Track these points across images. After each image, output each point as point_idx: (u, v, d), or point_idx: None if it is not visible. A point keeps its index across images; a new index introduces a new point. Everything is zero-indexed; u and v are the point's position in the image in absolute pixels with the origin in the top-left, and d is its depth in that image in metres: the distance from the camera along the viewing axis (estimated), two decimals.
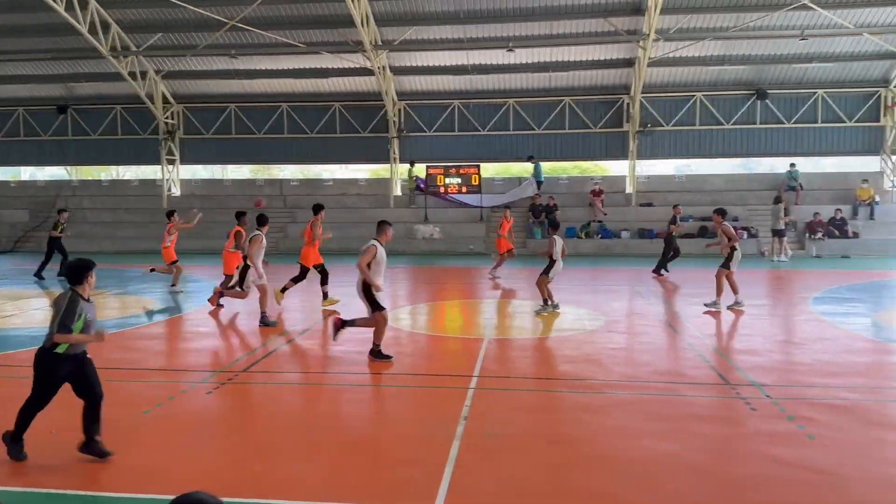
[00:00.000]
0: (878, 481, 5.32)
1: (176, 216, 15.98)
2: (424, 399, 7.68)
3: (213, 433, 6.50)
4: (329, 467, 5.64)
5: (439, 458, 5.65)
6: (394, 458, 5.85)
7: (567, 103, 25.67)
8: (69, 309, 5.37)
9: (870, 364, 9.11)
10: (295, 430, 6.52)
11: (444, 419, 6.67)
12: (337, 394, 7.95)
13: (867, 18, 21.53)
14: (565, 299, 14.47)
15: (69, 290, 5.53)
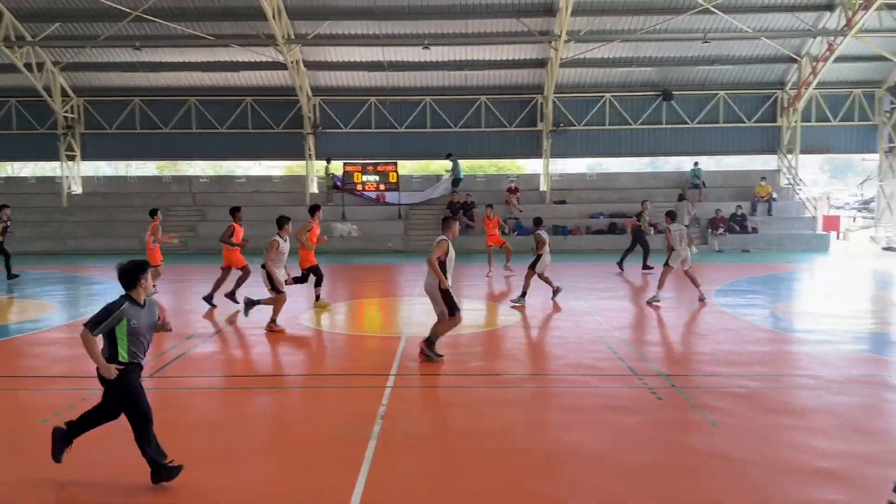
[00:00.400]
0: (776, 465, 5.60)
1: (159, 214, 14.97)
2: (341, 399, 7.57)
3: (115, 442, 6.19)
4: (238, 473, 5.48)
5: (355, 460, 5.58)
6: (307, 462, 5.74)
7: (483, 102, 25.93)
8: (105, 309, 5.05)
9: (768, 353, 9.60)
10: (204, 435, 6.30)
11: (360, 419, 6.60)
12: (250, 397, 7.74)
13: (765, 23, 22.71)
14: (482, 296, 14.62)
15: (122, 296, 5.19)
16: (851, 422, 6.70)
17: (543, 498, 5.05)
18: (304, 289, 13.97)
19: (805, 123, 25.55)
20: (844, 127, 25.82)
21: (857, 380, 8.08)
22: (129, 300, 5.14)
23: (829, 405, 7.15)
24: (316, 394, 7.91)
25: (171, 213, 25.93)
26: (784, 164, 26.19)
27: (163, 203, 26.21)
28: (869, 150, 26.71)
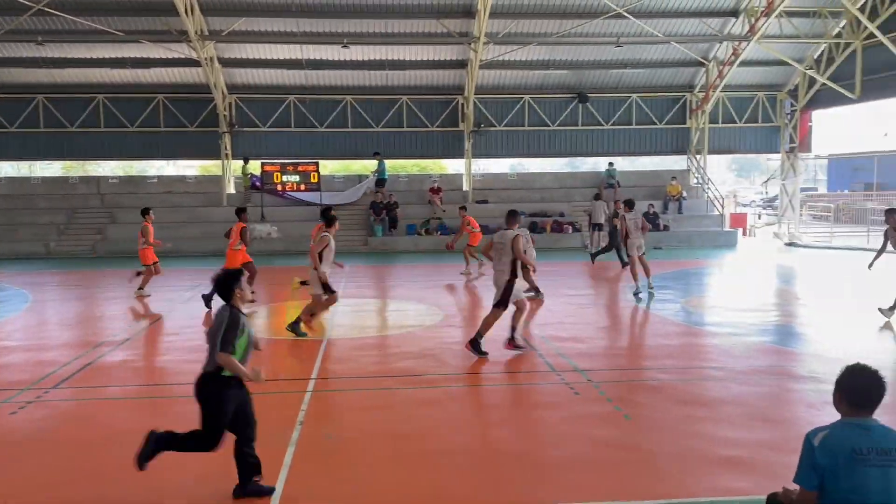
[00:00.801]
0: (687, 455, 5.82)
1: (152, 214, 14.56)
2: (259, 406, 7.35)
3: (16, 457, 5.85)
4: (149, 487, 5.26)
5: (272, 467, 5.46)
6: (222, 471, 5.56)
7: (405, 102, 25.89)
8: (231, 324, 4.71)
9: (679, 346, 9.97)
10: (113, 448, 6.02)
11: (278, 425, 6.47)
12: (162, 407, 7.46)
13: (674, 28, 23.60)
14: (406, 296, 14.60)
15: (225, 306, 4.87)
16: (757, 411, 7.03)
17: (466, 498, 5.09)
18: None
19: (712, 125, 26.68)
20: (749, 128, 27.11)
21: (761, 370, 8.49)
22: (237, 310, 4.87)
23: (736, 395, 7.48)
24: None
25: (79, 216, 24.77)
26: (693, 164, 27.27)
27: (70, 205, 25.07)
28: (772, 151, 28.14)
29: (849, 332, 10.72)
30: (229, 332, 4.72)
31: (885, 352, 9.45)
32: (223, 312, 4.86)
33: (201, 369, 4.95)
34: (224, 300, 4.96)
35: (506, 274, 8.94)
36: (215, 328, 4.80)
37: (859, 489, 3.27)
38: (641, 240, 13.94)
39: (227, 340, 4.70)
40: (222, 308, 4.94)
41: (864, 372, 3.46)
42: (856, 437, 3.35)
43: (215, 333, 4.78)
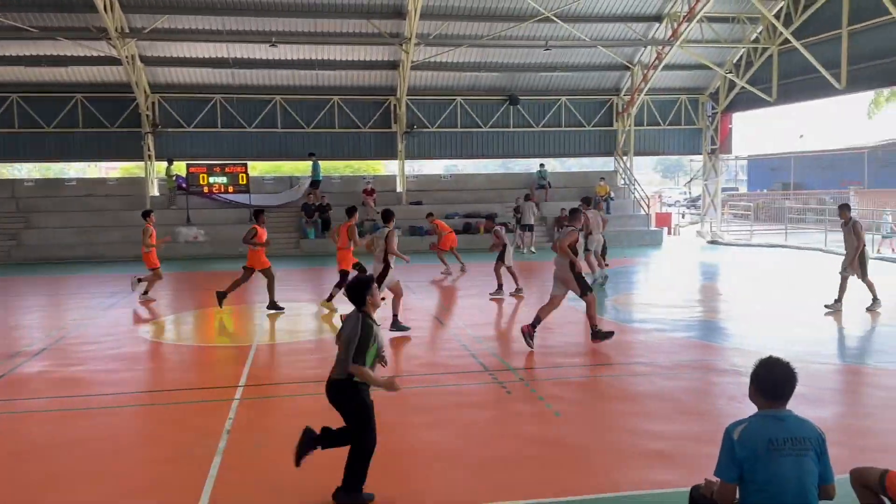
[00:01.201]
0: (615, 450, 5.94)
1: (153, 216, 14.39)
2: (184, 416, 7.16)
3: None
4: (66, 502, 5.02)
5: (197, 479, 5.29)
6: (144, 485, 5.37)
7: (336, 102, 25.61)
8: (365, 335, 4.68)
9: (608, 343, 10.16)
10: (28, 461, 5.72)
11: (204, 435, 6.29)
12: (82, 418, 7.13)
13: (601, 33, 24.14)
14: (339, 299, 14.41)
15: (356, 311, 4.84)
16: (681, 404, 7.24)
17: (395, 501, 5.04)
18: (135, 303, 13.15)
19: (638, 127, 27.43)
20: (673, 130, 27.99)
21: (686, 365, 8.76)
22: (370, 319, 4.82)
23: (662, 390, 7.68)
24: (157, 411, 7.42)
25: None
26: (620, 165, 27.97)
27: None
28: (695, 152, 29.14)
29: (768, 325, 11.17)
30: (363, 343, 4.70)
31: (801, 343, 9.89)
32: (356, 321, 4.80)
33: (331, 375, 4.96)
34: (356, 306, 4.91)
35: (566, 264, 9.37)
36: (349, 337, 4.78)
37: (776, 478, 3.40)
38: (601, 236, 15.14)
39: (361, 351, 4.70)
40: (354, 316, 4.87)
41: (777, 365, 3.59)
42: (771, 428, 3.47)
43: (349, 343, 4.75)
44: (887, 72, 19.33)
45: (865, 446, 5.85)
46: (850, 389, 7.85)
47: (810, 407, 6.74)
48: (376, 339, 4.81)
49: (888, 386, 7.88)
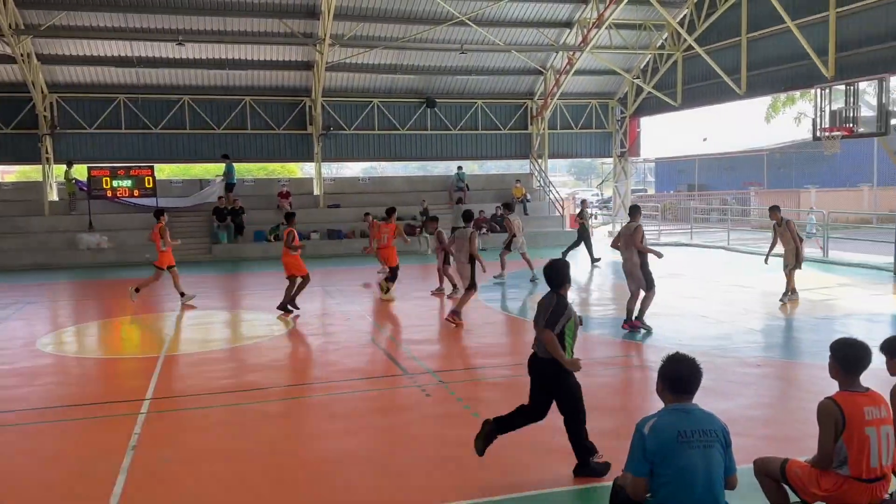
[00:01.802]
0: (530, 447, 5.98)
1: (165, 216, 14.11)
2: (86, 433, 6.77)
3: None
4: None
5: (100, 499, 5.00)
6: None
7: (248, 103, 24.94)
8: (556, 309, 5.05)
9: (526, 343, 10.28)
10: None
11: (108, 452, 5.96)
12: None
13: (514, 38, 24.50)
14: (254, 306, 14.04)
15: (552, 293, 5.21)
16: (596, 400, 7.35)
17: None
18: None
19: (552, 130, 28.01)
20: (585, 134, 28.73)
21: (600, 362, 8.96)
22: (564, 298, 5.15)
23: None
24: (56, 428, 6.97)
25: None
26: (536, 167, 28.49)
27: None
28: (605, 155, 29.99)
29: (677, 321, 11.58)
30: (556, 314, 5.05)
31: (708, 338, 10.30)
32: (550, 298, 5.20)
33: (536, 352, 5.28)
34: (552, 288, 5.25)
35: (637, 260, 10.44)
36: (542, 311, 5.15)
37: (686, 470, 3.49)
38: (523, 238, 16.05)
39: (553, 321, 5.03)
40: (549, 295, 5.25)
41: (683, 360, 3.69)
42: (680, 422, 3.56)
43: (544, 312, 5.12)
44: (783, 78, 20.45)
45: (767, 436, 6.12)
46: (753, 382, 8.21)
47: (716, 399, 7.01)
48: (571, 317, 5.15)
49: (788, 378, 8.31)
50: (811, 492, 3.96)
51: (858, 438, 3.78)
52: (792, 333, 10.72)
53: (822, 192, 35.60)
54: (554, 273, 5.30)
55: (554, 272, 5.30)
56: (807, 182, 38.35)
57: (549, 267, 5.36)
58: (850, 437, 3.79)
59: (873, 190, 35.47)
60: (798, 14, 18.78)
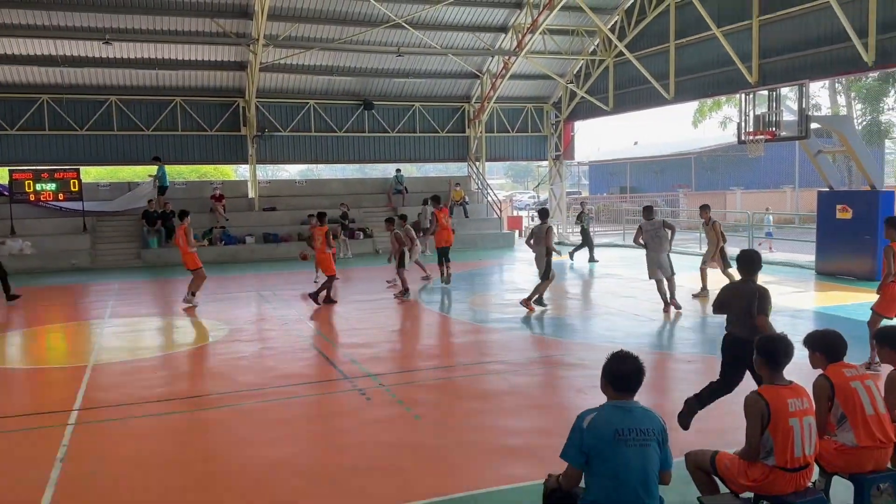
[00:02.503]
0: (471, 448, 6.04)
1: (189, 217, 13.90)
2: (10, 446, 6.46)
3: None
4: None
5: None
6: None
7: (179, 103, 24.30)
8: (766, 294, 5.57)
9: (464, 344, 10.39)
10: None
11: (34, 465, 5.73)
12: None
13: (451, 41, 24.64)
14: (186, 312, 13.68)
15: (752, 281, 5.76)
16: (533, 399, 7.51)
17: None
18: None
19: (489, 133, 28.27)
20: (521, 137, 29.09)
21: (537, 361, 9.11)
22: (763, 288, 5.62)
23: (515, 386, 7.93)
24: None
25: None
26: (473, 170, 28.72)
27: None
28: (541, 158, 30.45)
29: (611, 320, 11.86)
30: (766, 301, 5.57)
31: (641, 336, 10.58)
32: (751, 286, 5.71)
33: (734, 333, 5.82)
34: (749, 276, 5.82)
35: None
36: (749, 299, 5.63)
37: (621, 467, 3.56)
38: (419, 247, 16.04)
39: (764, 308, 5.55)
40: (754, 284, 5.74)
41: (627, 358, 3.77)
42: (618, 419, 3.64)
43: (750, 303, 5.60)
44: (709, 83, 21.20)
45: (699, 429, 6.33)
46: (685, 377, 8.48)
47: (649, 395, 7.22)
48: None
49: (717, 372, 8.59)
50: (740, 483, 4.12)
51: (783, 430, 3.95)
52: (721, 330, 11.10)
53: (748, 193, 37.07)
54: (750, 262, 5.87)
55: (748, 262, 5.87)
56: (733, 184, 39.84)
57: (748, 257, 5.93)
58: (775, 429, 3.96)
59: (795, 191, 37.12)
60: (723, 22, 19.52)
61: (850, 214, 15.62)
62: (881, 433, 4.26)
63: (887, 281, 8.12)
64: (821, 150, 16.95)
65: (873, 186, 15.67)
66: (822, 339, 4.56)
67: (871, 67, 16.36)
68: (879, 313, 8.23)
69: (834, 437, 4.36)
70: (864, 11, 15.86)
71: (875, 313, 8.27)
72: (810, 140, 16.23)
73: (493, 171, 50.91)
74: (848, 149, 16.01)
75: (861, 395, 4.30)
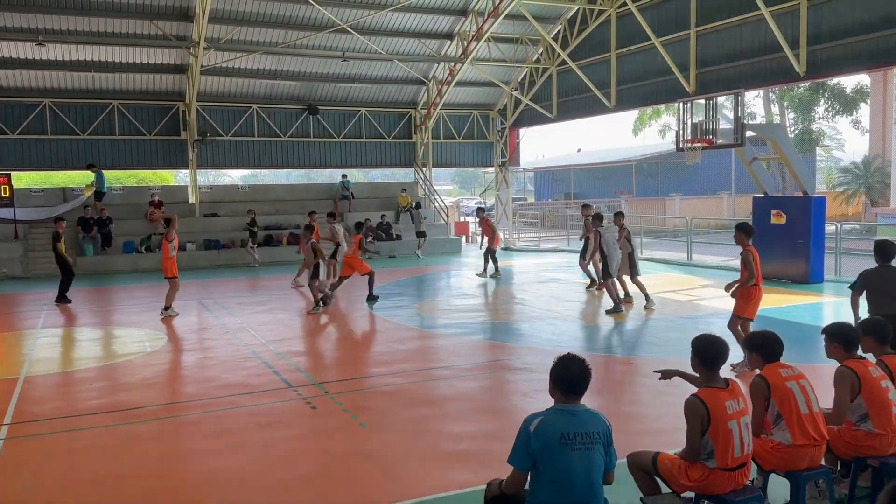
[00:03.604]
0: (419, 455, 6.01)
1: (176, 220, 13.20)
2: None
3: None
4: None
5: None
6: None
7: (116, 107, 23.58)
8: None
9: (411, 350, 10.34)
10: None
11: None
12: None
13: (397, 47, 24.60)
14: (124, 321, 13.27)
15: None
16: (479, 404, 7.53)
17: None
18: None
19: (435, 139, 28.33)
20: (467, 143, 29.24)
21: (483, 366, 9.13)
22: None
23: (461, 391, 7.93)
24: None
25: None
26: (420, 176, 28.71)
27: None
28: (487, 164, 30.66)
29: (554, 324, 11.99)
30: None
31: (584, 339, 10.74)
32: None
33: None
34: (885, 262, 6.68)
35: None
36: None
37: (566, 471, 3.59)
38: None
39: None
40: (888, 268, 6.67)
41: (573, 361, 3.80)
42: (564, 423, 3.66)
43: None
44: (649, 92, 21.71)
45: (640, 430, 6.45)
46: (626, 379, 8.64)
47: (592, 397, 7.32)
48: None
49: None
50: (681, 483, 4.20)
51: (723, 432, 4.04)
52: (660, 333, 11.37)
53: (686, 199, 38.07)
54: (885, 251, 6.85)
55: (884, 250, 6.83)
56: (672, 190, 40.88)
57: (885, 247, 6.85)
58: (715, 432, 4.05)
59: (732, 197, 38.31)
60: (662, 32, 20.04)
61: (783, 219, 16.19)
62: (815, 432, 4.40)
63: (748, 284, 8.50)
64: (756, 158, 17.53)
65: (805, 192, 16.28)
66: (758, 341, 4.70)
67: (803, 78, 17.02)
68: (739, 315, 8.64)
69: (770, 435, 4.49)
70: (796, 24, 16.51)
71: (735, 316, 8.64)
72: (745, 148, 16.77)
73: (440, 176, 51.11)
74: (781, 156, 16.61)
75: (796, 395, 4.43)
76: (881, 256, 6.96)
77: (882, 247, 6.95)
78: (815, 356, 8.56)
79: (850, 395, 4.65)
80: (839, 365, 4.76)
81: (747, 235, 8.63)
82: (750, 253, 8.47)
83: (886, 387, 4.63)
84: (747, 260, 8.46)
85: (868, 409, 4.60)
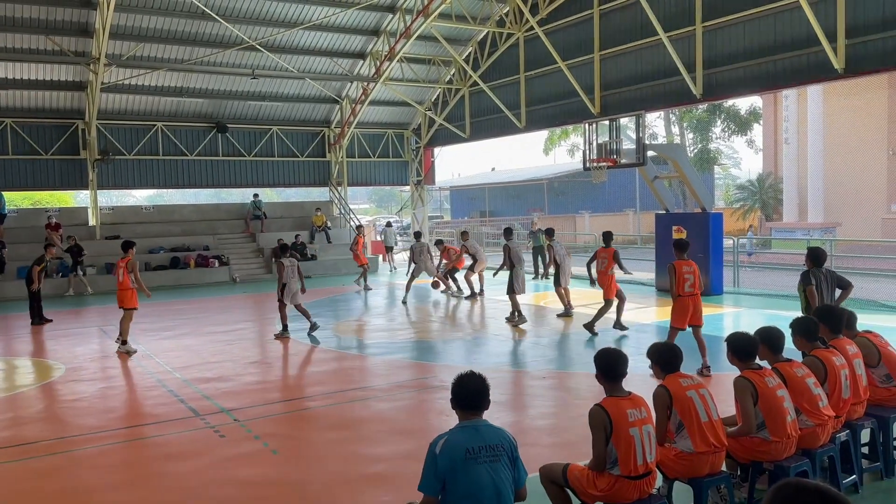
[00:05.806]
0: (333, 479, 5.89)
1: (133, 249, 12.07)
2: None
3: None
4: None
5: None
6: None
7: (9, 125, 22.26)
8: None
9: (327, 372, 10.17)
10: None
11: None
12: None
13: (308, 65, 24.39)
14: (16, 351, 12.46)
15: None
16: (396, 425, 7.46)
17: None
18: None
19: (350, 158, 28.18)
20: (382, 162, 29.24)
21: (401, 385, 9.07)
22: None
23: (378, 412, 7.85)
24: None
25: None
26: (335, 195, 28.47)
27: None
28: (403, 183, 30.75)
29: (474, 341, 12.07)
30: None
31: (499, 355, 10.85)
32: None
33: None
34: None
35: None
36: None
37: (474, 485, 3.61)
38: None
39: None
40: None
41: (471, 378, 3.85)
42: (468, 438, 3.69)
43: None
44: (557, 113, 22.37)
45: (553, 443, 6.56)
46: (539, 393, 8.77)
47: (507, 412, 7.40)
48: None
49: (568, 387, 8.98)
50: (589, 493, 4.29)
51: (625, 439, 4.17)
52: (571, 346, 11.64)
53: (595, 216, 39.32)
54: None
55: None
56: (581, 207, 42.13)
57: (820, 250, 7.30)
58: (617, 439, 4.17)
59: (637, 214, 39.82)
60: (568, 55, 20.72)
61: (684, 235, 16.94)
62: (715, 439, 4.59)
63: (682, 294, 9.18)
64: (657, 176, 18.31)
65: (704, 209, 17.11)
66: (659, 352, 4.87)
67: (700, 100, 17.96)
68: (675, 327, 9.27)
69: (673, 444, 4.66)
70: (692, 49, 17.42)
71: (672, 328, 9.21)
72: (648, 166, 17.50)
73: (356, 195, 50.75)
74: (681, 175, 17.41)
75: (696, 404, 4.61)
76: (813, 261, 7.67)
77: (815, 253, 7.72)
78: (715, 365, 8.97)
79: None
80: (737, 376, 4.97)
81: (678, 250, 9.47)
82: (673, 267, 9.17)
83: (782, 395, 4.87)
84: (669, 273, 9.21)
85: (764, 419, 4.82)
